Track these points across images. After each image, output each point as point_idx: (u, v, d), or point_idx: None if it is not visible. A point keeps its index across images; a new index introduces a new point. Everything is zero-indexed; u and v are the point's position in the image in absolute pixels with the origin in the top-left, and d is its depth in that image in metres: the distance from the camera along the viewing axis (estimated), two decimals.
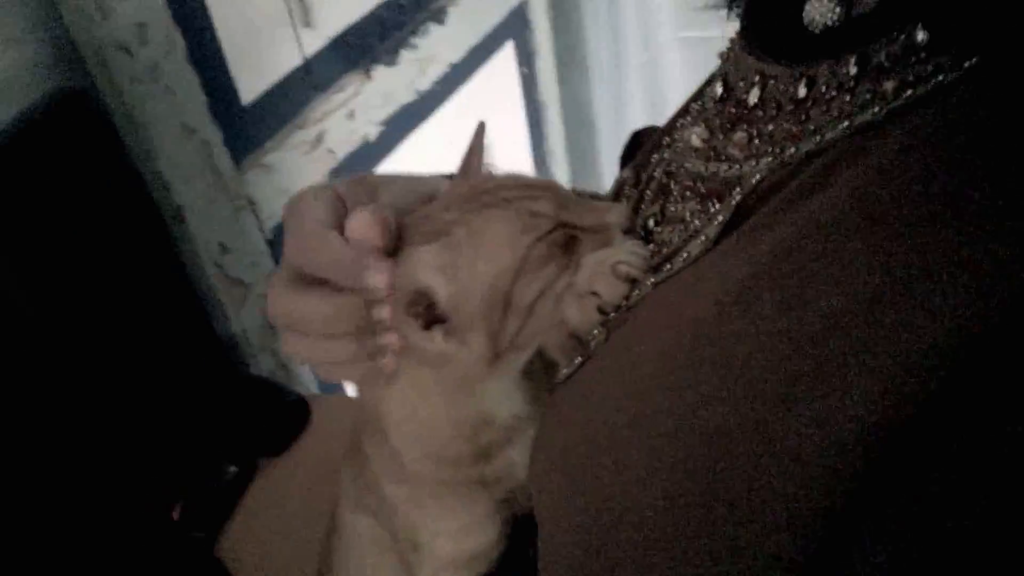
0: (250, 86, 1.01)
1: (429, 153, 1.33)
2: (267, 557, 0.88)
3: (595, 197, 0.72)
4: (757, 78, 0.44)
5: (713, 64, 0.55)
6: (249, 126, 1.01)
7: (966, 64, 0.34)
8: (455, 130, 1.39)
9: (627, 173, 0.62)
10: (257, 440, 0.95)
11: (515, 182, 0.51)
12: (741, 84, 0.45)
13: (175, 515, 0.88)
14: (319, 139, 1.10)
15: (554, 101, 1.78)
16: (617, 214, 0.49)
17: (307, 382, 1.14)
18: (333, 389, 1.20)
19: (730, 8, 0.52)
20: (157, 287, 0.87)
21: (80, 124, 0.77)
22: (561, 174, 1.88)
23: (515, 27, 1.59)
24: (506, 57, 1.58)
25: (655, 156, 0.58)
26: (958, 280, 0.30)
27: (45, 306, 0.76)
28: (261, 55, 1.02)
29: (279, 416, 0.97)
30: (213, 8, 0.93)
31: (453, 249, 0.47)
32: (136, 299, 0.84)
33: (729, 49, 0.51)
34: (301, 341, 0.50)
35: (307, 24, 1.08)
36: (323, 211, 0.49)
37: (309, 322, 0.49)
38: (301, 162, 1.08)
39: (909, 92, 0.35)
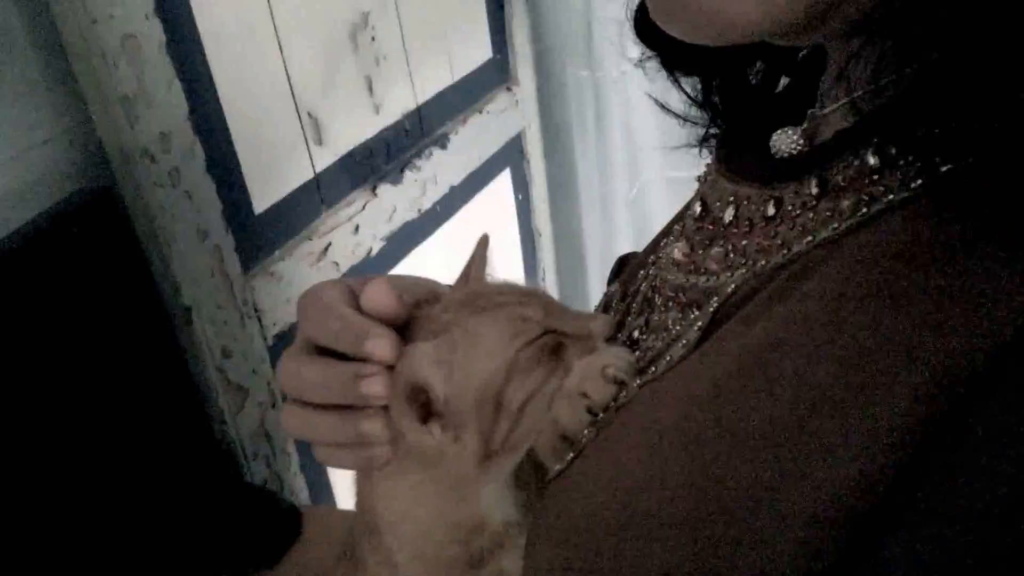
0: (263, 196, 1.04)
1: (428, 270, 1.36)
2: None
3: None
4: (732, 198, 0.48)
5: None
6: (260, 235, 1.04)
7: (913, 186, 0.37)
8: (453, 249, 1.44)
9: (615, 288, 0.66)
10: (249, 549, 0.93)
11: (509, 289, 0.54)
12: (718, 204, 0.50)
13: None
14: (325, 251, 1.13)
15: (547, 229, 1.84)
16: (600, 323, 0.51)
17: (298, 491, 1.12)
18: (324, 499, 1.19)
19: (701, 147, 0.58)
20: (160, 388, 0.87)
21: (104, 222, 0.80)
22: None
23: (512, 156, 1.66)
24: (503, 183, 1.65)
25: (641, 272, 0.62)
26: (905, 376, 0.33)
27: (48, 399, 0.76)
28: (275, 168, 1.06)
29: (272, 525, 0.95)
30: (232, 122, 0.98)
31: (450, 347, 0.49)
32: (139, 399, 0.84)
33: (706, 173, 0.56)
34: (297, 412, 0.51)
35: (319, 142, 1.13)
36: (337, 292, 0.52)
37: (304, 389, 0.51)
38: (307, 272, 1.10)
39: (864, 210, 0.39)
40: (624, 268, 0.80)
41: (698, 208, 0.52)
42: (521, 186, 1.72)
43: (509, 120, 1.60)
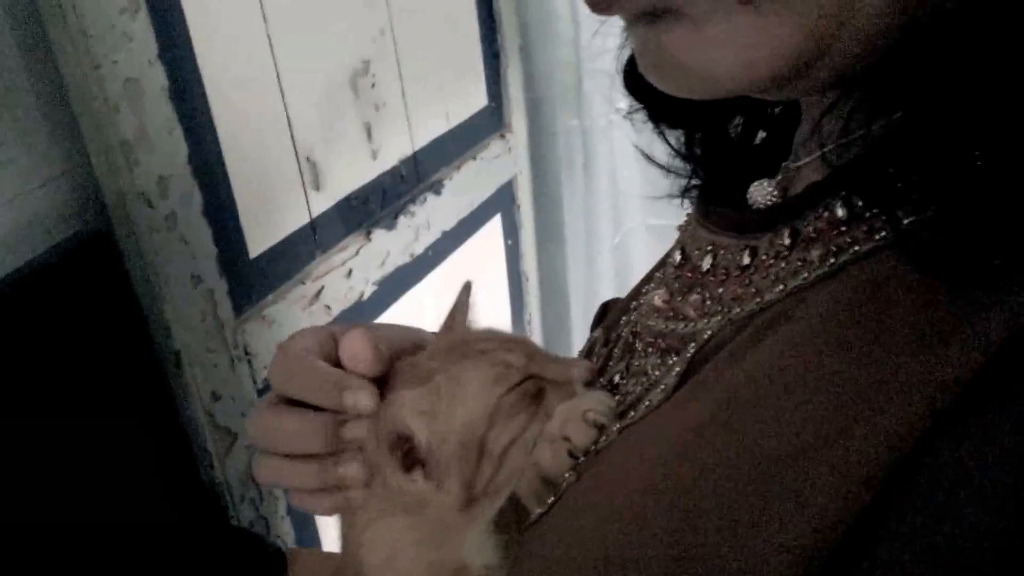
0: (258, 241, 1.04)
1: (418, 314, 1.36)
2: None
3: None
4: (710, 247, 0.50)
5: None
6: (253, 279, 1.04)
7: (877, 237, 0.39)
8: (444, 293, 1.44)
9: (598, 334, 0.67)
10: None
11: (491, 335, 0.55)
12: (696, 253, 0.52)
13: None
14: (318, 295, 1.14)
15: (533, 273, 1.85)
16: (581, 369, 0.52)
17: (285, 534, 1.11)
18: (310, 542, 1.17)
19: (682, 198, 0.60)
20: (149, 430, 0.87)
21: (100, 265, 0.80)
22: (536, 341, 1.92)
23: (503, 202, 1.68)
24: (494, 229, 1.66)
25: (624, 319, 0.63)
26: (865, 425, 0.34)
27: (38, 440, 0.75)
28: (271, 212, 1.07)
29: (257, 568, 0.94)
30: (231, 167, 0.98)
31: (434, 395, 0.50)
32: (128, 441, 0.83)
33: (687, 223, 0.57)
34: (271, 462, 0.52)
35: (317, 187, 1.14)
36: (312, 341, 0.52)
37: (279, 440, 0.51)
38: (299, 316, 1.10)
39: (832, 260, 0.41)
40: (607, 313, 0.81)
41: (678, 256, 0.54)
42: (511, 231, 1.73)
43: (502, 166, 1.61)
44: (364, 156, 1.23)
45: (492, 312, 1.72)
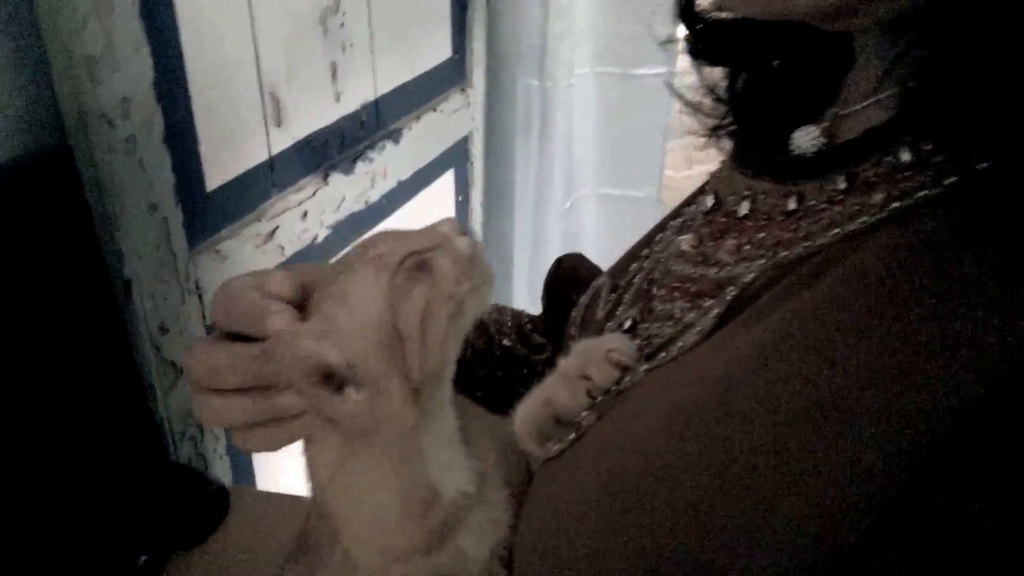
0: (216, 173, 1.02)
1: None
2: None
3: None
4: (747, 192, 0.50)
5: (627, 221, 0.61)
6: (209, 212, 1.02)
7: (945, 183, 0.39)
8: None
9: (602, 280, 0.67)
10: (173, 529, 0.91)
11: (361, 242, 0.53)
12: (731, 198, 0.52)
13: None
14: (272, 234, 1.11)
15: (481, 231, 1.85)
16: (447, 224, 0.51)
17: (222, 473, 1.10)
18: (246, 482, 1.16)
19: (717, 135, 0.59)
20: (97, 359, 0.84)
21: (56, 182, 0.77)
22: None
23: (457, 158, 1.66)
24: (447, 184, 1.65)
25: (633, 266, 0.63)
26: (901, 401, 0.35)
27: None
28: (231, 146, 1.04)
29: (199, 506, 0.93)
30: (195, 94, 0.95)
31: (326, 317, 0.48)
32: (75, 366, 0.81)
33: (719, 169, 0.57)
34: (209, 399, 0.50)
35: (278, 124, 1.11)
36: (248, 278, 0.52)
37: (212, 375, 0.50)
38: (252, 254, 1.08)
39: (895, 205, 0.41)
40: (560, 269, 0.82)
41: (710, 202, 0.53)
42: (463, 187, 1.73)
43: (460, 121, 1.60)
44: (327, 97, 1.21)
45: None
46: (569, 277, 0.79)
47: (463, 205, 1.74)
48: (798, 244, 0.44)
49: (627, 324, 0.57)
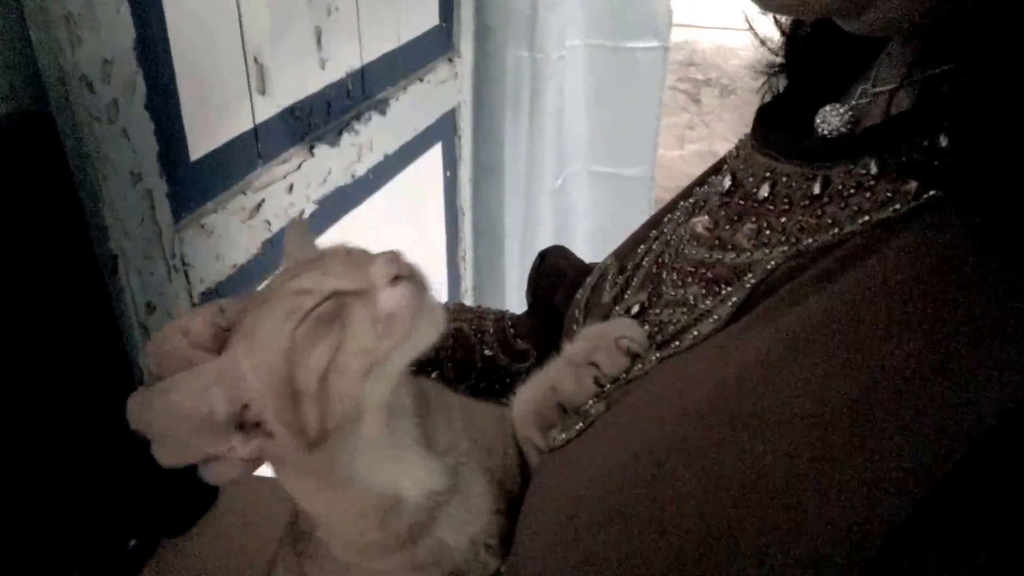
0: (200, 142, 0.97)
1: (356, 239, 1.31)
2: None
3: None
4: (768, 175, 0.47)
5: (619, 200, 0.58)
6: (194, 183, 0.97)
7: (984, 168, 0.37)
8: (381, 220, 1.39)
9: (610, 261, 0.64)
10: (163, 515, 0.87)
11: (301, 262, 0.51)
12: (751, 180, 0.49)
13: None
14: (258, 208, 1.07)
15: (469, 208, 1.81)
16: (381, 265, 0.47)
17: None
18: None
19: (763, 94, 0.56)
20: (84, 339, 0.80)
21: (38, 149, 0.72)
22: (468, 279, 1.89)
23: (445, 131, 1.62)
24: (434, 158, 1.61)
25: (642, 247, 0.60)
26: (947, 405, 0.33)
27: None
28: (215, 113, 0.99)
29: (189, 490, 0.89)
30: (177, 58, 0.90)
31: (231, 355, 0.46)
32: (61, 350, 0.76)
33: (738, 148, 0.54)
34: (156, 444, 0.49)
35: (262, 91, 1.06)
36: (176, 326, 0.50)
37: (155, 421, 0.48)
38: (237, 228, 1.04)
39: (931, 192, 0.38)
40: (544, 262, 0.79)
41: (727, 183, 0.50)
42: (450, 163, 1.68)
43: (447, 92, 1.56)
44: (312, 64, 1.16)
45: (429, 250, 1.68)
46: (553, 272, 0.77)
47: (451, 181, 1.70)
48: (824, 231, 0.42)
49: (635, 309, 0.55)
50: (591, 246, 2.00)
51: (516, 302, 1.94)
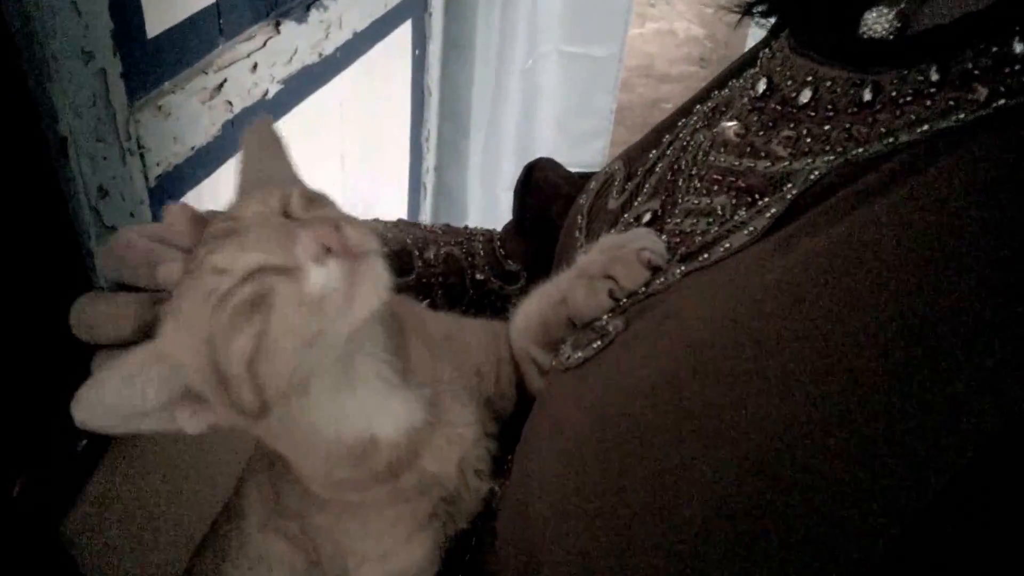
0: (158, 18, 0.90)
1: (320, 121, 1.26)
2: (119, 540, 0.79)
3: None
4: (809, 79, 0.44)
5: (586, 81, 0.53)
6: (150, 62, 0.91)
7: None
8: (348, 100, 1.34)
9: (617, 165, 0.60)
10: None
11: (217, 228, 0.46)
12: (789, 84, 0.46)
13: (15, 491, 0.78)
14: (219, 88, 1.02)
15: (436, 87, 1.75)
16: (308, 244, 0.42)
17: None
18: None
19: (766, 15, 0.52)
20: (31, 225, 0.77)
21: None
22: (431, 160, 1.85)
23: (415, 7, 1.55)
24: (403, 35, 1.54)
25: (653, 152, 0.57)
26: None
27: None
28: None
29: None
30: None
31: (164, 334, 0.44)
32: (9, 236, 0.73)
33: (774, 50, 0.50)
34: (96, 357, 0.48)
35: None
36: (148, 227, 0.48)
37: (94, 329, 0.47)
38: (198, 110, 0.99)
39: (1001, 101, 0.36)
40: (532, 175, 0.76)
41: (762, 87, 0.47)
42: (420, 40, 1.61)
43: None
44: None
45: (395, 129, 1.63)
46: (545, 185, 0.74)
47: (419, 60, 1.64)
48: (876, 140, 0.39)
49: (647, 217, 0.52)
50: (556, 129, 1.97)
51: (477, 184, 1.92)
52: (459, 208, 1.93)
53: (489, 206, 1.94)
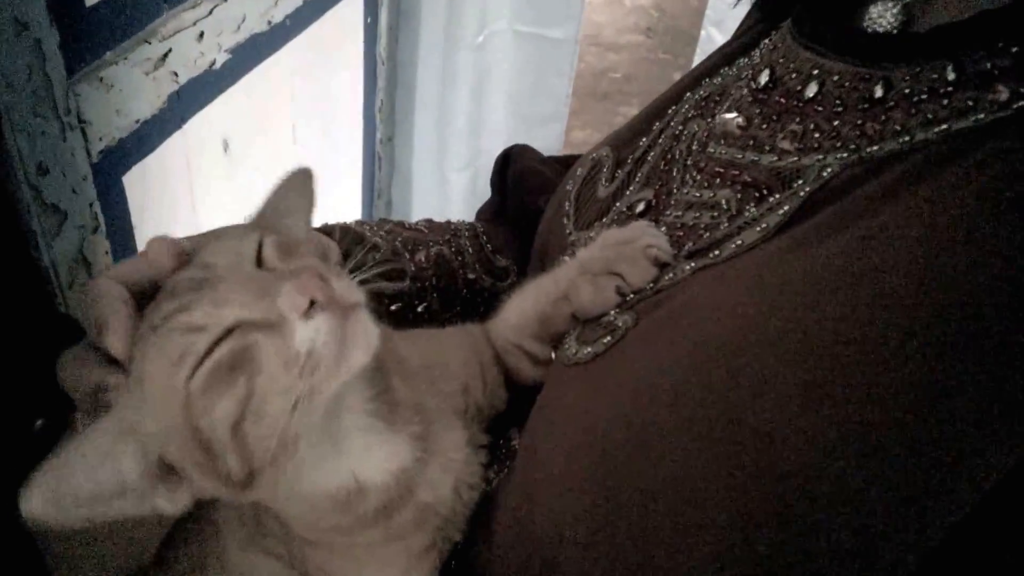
0: None
1: (269, 91, 1.23)
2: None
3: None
4: (815, 72, 0.44)
5: (542, 63, 0.52)
6: (90, 31, 0.87)
7: None
8: (299, 70, 1.30)
9: (605, 152, 0.59)
10: None
11: (183, 278, 0.43)
12: (793, 76, 0.45)
13: None
14: (164, 58, 0.98)
15: (388, 58, 1.72)
16: (289, 297, 0.40)
17: None
18: None
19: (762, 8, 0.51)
20: None
21: None
22: (383, 131, 1.82)
23: None
24: (355, 2, 1.50)
25: (643, 140, 0.56)
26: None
27: None
28: None
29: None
30: None
31: (130, 407, 0.41)
32: None
33: (776, 39, 0.50)
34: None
35: None
36: (122, 267, 0.46)
37: (72, 390, 0.46)
38: (141, 81, 0.95)
39: (1021, 103, 0.36)
40: (508, 162, 0.75)
41: (764, 78, 0.46)
42: (372, 8, 1.58)
43: None
44: None
45: (347, 100, 1.60)
46: (531, 174, 0.72)
47: (372, 27, 1.60)
48: (890, 139, 0.39)
49: (640, 207, 0.51)
50: (508, 110, 1.94)
51: (427, 157, 1.89)
52: (406, 184, 1.90)
53: (438, 184, 1.91)
